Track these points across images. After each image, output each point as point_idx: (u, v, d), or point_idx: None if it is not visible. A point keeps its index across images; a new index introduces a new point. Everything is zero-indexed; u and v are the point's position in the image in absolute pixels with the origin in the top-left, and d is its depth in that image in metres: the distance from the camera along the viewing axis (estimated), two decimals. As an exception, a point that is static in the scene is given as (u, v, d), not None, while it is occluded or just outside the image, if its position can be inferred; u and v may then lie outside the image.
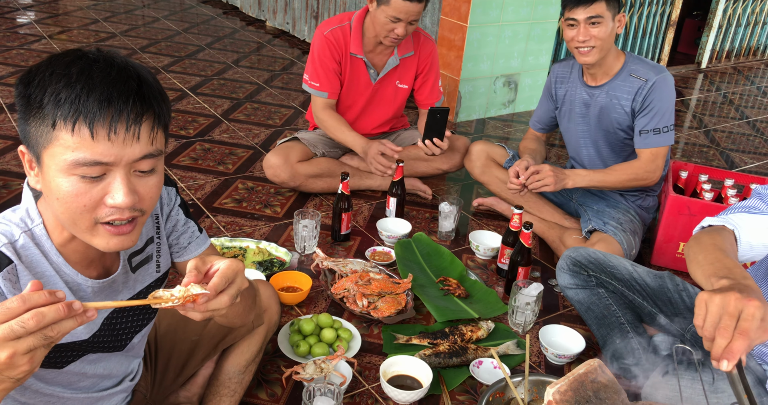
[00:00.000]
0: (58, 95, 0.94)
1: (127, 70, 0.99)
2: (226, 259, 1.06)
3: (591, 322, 2.05)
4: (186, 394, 1.65)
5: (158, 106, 1.01)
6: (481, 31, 3.93)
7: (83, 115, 0.94)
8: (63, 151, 0.96)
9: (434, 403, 1.85)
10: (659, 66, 2.43)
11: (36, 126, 0.97)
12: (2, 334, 0.80)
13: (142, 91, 0.99)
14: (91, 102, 0.94)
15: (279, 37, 5.73)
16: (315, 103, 2.88)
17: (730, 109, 4.95)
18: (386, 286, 2.22)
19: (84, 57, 0.98)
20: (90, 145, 0.96)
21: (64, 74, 0.95)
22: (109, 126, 0.96)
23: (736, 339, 1.08)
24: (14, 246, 1.05)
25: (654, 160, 2.42)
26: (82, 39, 5.07)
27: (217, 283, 1.00)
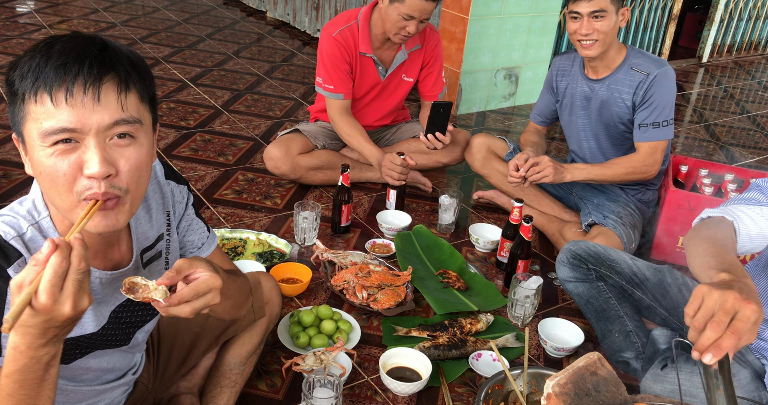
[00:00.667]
0: (23, 69, 0.97)
1: (92, 39, 0.99)
2: (208, 273, 1.08)
3: (590, 316, 2.05)
4: (187, 385, 1.66)
5: (125, 71, 1.00)
6: (482, 23, 3.92)
7: (42, 83, 0.95)
8: (35, 124, 0.97)
9: (433, 395, 1.86)
10: (661, 60, 2.43)
11: (13, 106, 1.00)
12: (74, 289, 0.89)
13: (103, 55, 0.98)
14: (48, 69, 0.95)
15: (279, 28, 5.71)
16: (331, 106, 2.84)
17: (731, 103, 4.95)
18: (386, 278, 2.23)
19: (60, 37, 0.99)
20: (54, 112, 0.96)
21: (31, 50, 0.98)
22: (65, 89, 0.95)
23: (727, 336, 1.08)
24: (23, 238, 1.05)
25: (653, 153, 2.42)
26: (81, 28, 5.05)
27: (183, 294, 1.04)
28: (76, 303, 0.89)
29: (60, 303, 0.88)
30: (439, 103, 2.65)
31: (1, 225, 1.05)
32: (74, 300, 0.89)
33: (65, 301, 0.88)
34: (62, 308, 0.88)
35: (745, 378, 1.64)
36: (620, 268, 2.01)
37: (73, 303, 0.89)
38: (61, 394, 1.20)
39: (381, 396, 1.83)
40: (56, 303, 0.88)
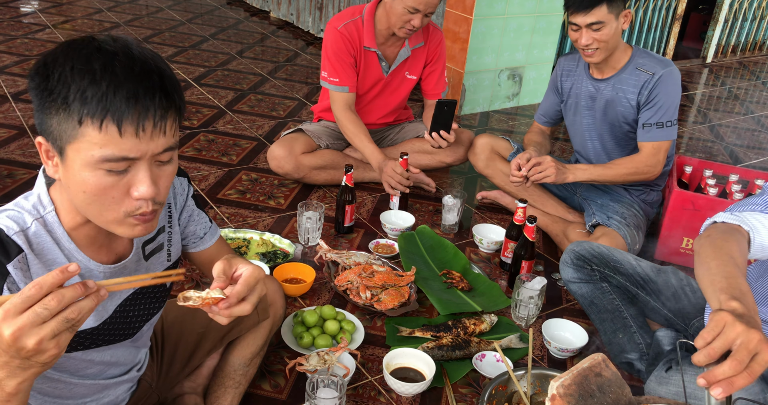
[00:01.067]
0: (84, 93, 0.94)
1: (147, 64, 0.98)
2: (249, 265, 1.12)
3: (594, 317, 2.05)
4: (191, 385, 1.66)
5: (179, 99, 1.03)
6: (486, 23, 3.91)
7: (111, 114, 0.95)
8: (90, 147, 0.97)
9: (437, 395, 1.86)
10: (666, 60, 2.42)
11: (59, 121, 0.97)
12: (27, 320, 0.83)
13: (165, 86, 0.99)
14: (119, 100, 0.95)
15: (283, 28, 5.72)
16: (335, 100, 2.83)
17: (735, 103, 4.93)
18: (389, 278, 2.23)
19: (102, 49, 0.97)
20: (117, 141, 0.96)
21: (86, 70, 0.95)
22: (136, 123, 0.96)
23: (743, 376, 1.07)
24: (26, 233, 1.06)
25: (655, 154, 2.41)
26: (86, 28, 5.06)
27: (239, 291, 1.07)
28: (40, 344, 0.84)
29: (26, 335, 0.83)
30: (443, 101, 2.65)
31: (4, 220, 1.05)
32: (39, 340, 0.83)
33: (33, 335, 0.83)
34: (26, 340, 0.83)
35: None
36: (624, 268, 2.00)
37: (37, 343, 0.83)
38: (65, 388, 1.21)
39: (384, 396, 1.83)
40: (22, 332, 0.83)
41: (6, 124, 3.30)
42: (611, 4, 2.27)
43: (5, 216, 1.06)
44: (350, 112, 2.83)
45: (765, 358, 1.08)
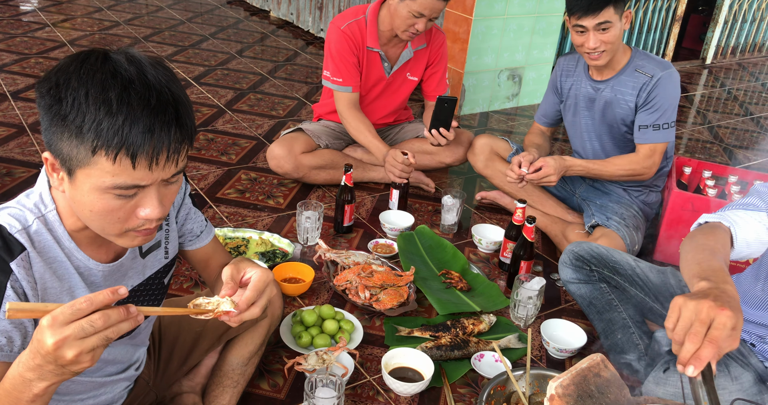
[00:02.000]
0: (100, 125, 0.94)
1: (162, 94, 0.98)
2: (257, 268, 1.14)
3: (593, 317, 2.05)
4: (189, 384, 1.66)
5: (192, 128, 1.03)
6: (485, 24, 3.91)
7: (126, 147, 0.95)
8: (102, 175, 0.97)
9: (435, 395, 1.86)
10: (666, 62, 2.42)
11: (71, 146, 0.97)
12: (72, 333, 0.87)
13: (181, 117, 0.99)
14: (134, 134, 0.95)
15: (283, 28, 5.71)
16: (339, 100, 2.83)
17: (734, 105, 4.94)
18: (388, 278, 2.23)
19: (117, 74, 0.96)
20: (130, 172, 0.97)
21: (102, 100, 0.94)
22: (150, 157, 0.97)
23: (705, 346, 1.09)
24: (27, 231, 1.06)
25: (651, 155, 2.42)
26: (85, 27, 5.06)
27: (249, 297, 1.11)
28: (79, 356, 0.88)
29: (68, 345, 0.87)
30: (444, 98, 2.64)
31: (7, 217, 1.06)
32: (79, 353, 0.88)
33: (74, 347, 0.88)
34: (67, 351, 0.87)
35: (748, 381, 1.64)
36: (623, 269, 2.00)
37: (77, 354, 0.88)
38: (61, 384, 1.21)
39: (383, 396, 1.83)
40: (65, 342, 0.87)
41: (5, 122, 3.30)
42: (617, 5, 2.27)
43: (7, 214, 1.07)
44: (355, 110, 2.83)
45: (720, 321, 1.10)
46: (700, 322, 1.10)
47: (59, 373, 0.91)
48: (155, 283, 1.32)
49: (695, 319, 1.11)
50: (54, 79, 0.97)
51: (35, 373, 0.91)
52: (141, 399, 1.50)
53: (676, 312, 1.14)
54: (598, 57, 2.37)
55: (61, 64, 0.98)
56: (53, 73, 0.98)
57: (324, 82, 2.85)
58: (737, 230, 1.45)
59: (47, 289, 1.09)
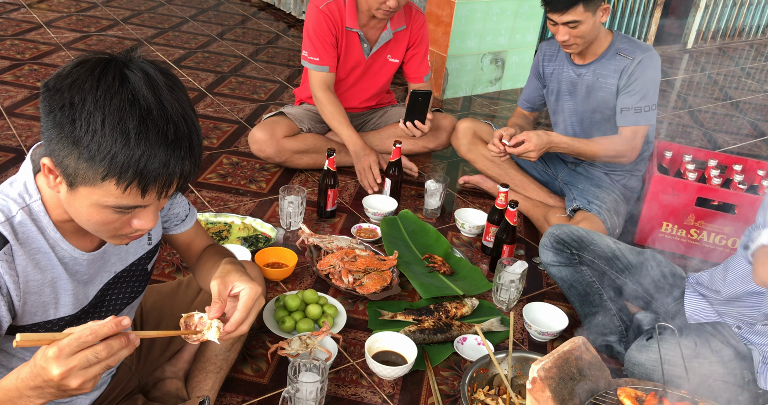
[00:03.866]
0: (116, 157, 0.93)
1: (179, 127, 0.97)
2: (246, 284, 1.16)
3: (574, 300, 2.07)
4: (172, 369, 1.65)
5: (200, 158, 1.03)
6: (468, 7, 3.90)
7: (138, 180, 0.95)
8: (106, 196, 0.97)
9: (418, 378, 1.87)
10: (647, 45, 2.43)
11: (78, 165, 0.95)
12: (78, 364, 0.90)
13: (194, 149, 1.00)
14: (149, 169, 0.95)
15: (264, 10, 5.65)
16: (314, 79, 2.82)
17: (715, 89, 4.97)
18: (372, 262, 2.23)
19: (136, 101, 0.94)
20: (137, 198, 0.98)
21: (120, 131, 0.92)
22: (161, 188, 0.98)
23: None
24: (11, 222, 1.04)
25: (633, 138, 2.43)
26: (62, 8, 4.96)
27: (239, 319, 1.14)
28: (83, 384, 0.91)
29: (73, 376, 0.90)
30: (418, 92, 2.65)
31: None
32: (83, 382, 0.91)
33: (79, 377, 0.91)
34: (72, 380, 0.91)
35: (728, 355, 1.67)
36: (603, 252, 2.02)
37: (81, 383, 0.91)
38: None
39: (366, 380, 1.84)
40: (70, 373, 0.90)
41: (-19, 106, 3.24)
42: (587, 3, 2.27)
43: None
44: (330, 93, 2.81)
45: None
46: None
47: (59, 396, 0.94)
48: (138, 269, 1.31)
49: None
50: (68, 96, 0.93)
51: (36, 392, 0.93)
52: (124, 384, 1.49)
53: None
54: (569, 47, 2.41)
55: (75, 77, 0.94)
56: (66, 87, 0.94)
57: (302, 61, 2.84)
58: None
59: (29, 282, 1.07)
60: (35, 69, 3.76)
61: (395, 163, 2.67)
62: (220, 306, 1.13)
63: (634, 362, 1.75)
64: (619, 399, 1.32)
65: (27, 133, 3.00)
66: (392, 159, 2.67)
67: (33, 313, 1.10)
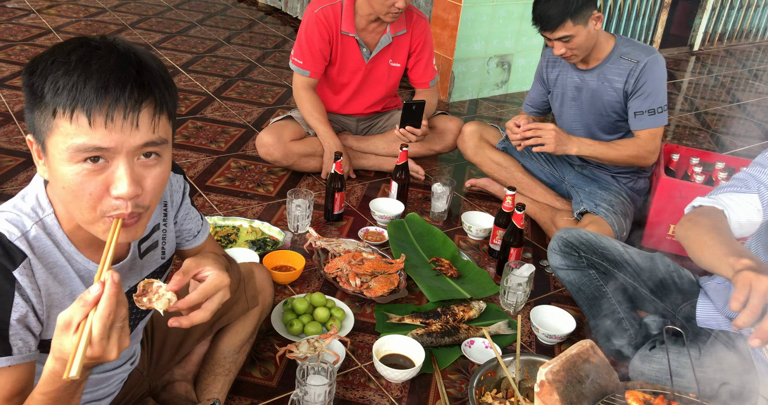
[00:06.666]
0: (57, 83, 0.94)
1: (127, 56, 0.97)
2: (215, 271, 1.13)
3: (582, 303, 2.07)
4: (181, 372, 1.66)
5: (160, 94, 1.00)
6: (475, 10, 3.90)
7: (80, 103, 0.93)
8: (64, 139, 0.96)
9: (426, 382, 1.87)
10: (650, 47, 2.44)
11: (39, 115, 0.97)
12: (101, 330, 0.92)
13: (142, 77, 0.97)
14: (88, 90, 0.93)
15: (271, 15, 5.67)
16: (296, 80, 2.88)
17: (722, 91, 4.96)
18: (379, 265, 2.23)
19: (86, 44, 0.97)
20: (88, 131, 0.95)
21: (63, 62, 0.94)
22: (105, 114, 0.94)
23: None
24: (27, 238, 1.04)
25: (653, 140, 2.45)
26: (71, 14, 5.00)
27: (192, 300, 1.10)
28: (120, 347, 0.95)
29: (108, 351, 0.93)
30: (411, 103, 2.66)
31: (5, 224, 1.04)
32: (119, 345, 0.95)
33: (112, 349, 0.94)
34: (109, 355, 0.94)
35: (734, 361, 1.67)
36: (612, 255, 2.02)
37: (118, 348, 0.94)
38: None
39: (374, 383, 1.84)
40: (105, 352, 0.93)
41: (-9, 110, 3.27)
42: (575, 18, 2.28)
43: (4, 219, 1.04)
44: (311, 92, 2.87)
45: None
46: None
47: None
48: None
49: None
50: (33, 58, 0.99)
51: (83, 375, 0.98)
52: (135, 389, 1.50)
53: (747, 285, 1.16)
54: (568, 59, 2.44)
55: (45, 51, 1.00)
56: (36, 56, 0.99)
57: (289, 61, 2.88)
58: (730, 213, 1.49)
59: (51, 295, 1.07)
60: (44, 74, 3.78)
61: (402, 166, 2.68)
62: (180, 279, 1.09)
63: (638, 372, 1.75)
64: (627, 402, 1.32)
65: (36, 137, 3.02)
66: (399, 162, 2.68)
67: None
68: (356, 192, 2.89)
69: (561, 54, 2.38)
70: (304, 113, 2.87)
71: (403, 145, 2.66)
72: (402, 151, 2.65)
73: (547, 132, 2.39)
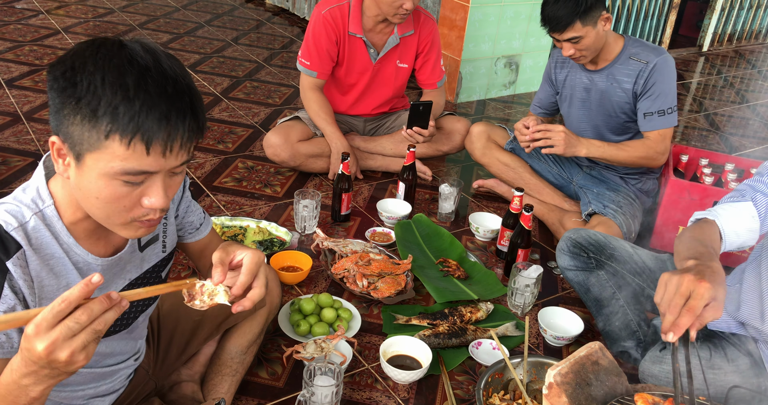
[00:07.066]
0: (116, 109, 0.93)
1: (178, 83, 0.98)
2: (247, 250, 1.15)
3: (590, 304, 2.06)
4: (188, 372, 1.66)
5: (204, 119, 1.03)
6: (482, 11, 3.90)
7: (141, 133, 0.95)
8: (111, 159, 0.97)
9: (433, 383, 1.87)
10: (659, 48, 2.43)
11: (83, 130, 0.96)
12: (60, 335, 0.86)
13: (195, 106, 1.00)
14: (151, 120, 0.95)
15: (278, 15, 5.68)
16: (303, 81, 2.88)
17: (731, 92, 4.94)
18: (386, 266, 2.23)
19: (134, 61, 0.95)
20: (141, 158, 0.97)
21: (119, 85, 0.93)
22: (164, 144, 0.97)
23: (683, 315, 1.22)
24: (25, 228, 1.05)
25: (662, 140, 2.44)
26: (80, 14, 5.02)
27: (244, 282, 1.12)
28: (72, 356, 0.87)
29: (59, 348, 0.86)
30: (418, 103, 2.66)
31: (3, 214, 1.04)
32: (71, 353, 0.87)
33: (65, 348, 0.87)
34: (59, 353, 0.87)
35: (745, 364, 1.66)
36: (621, 256, 2.01)
37: (69, 355, 0.87)
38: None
39: (381, 384, 1.84)
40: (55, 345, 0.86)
41: (0, 110, 3.28)
42: (584, 19, 2.27)
43: (3, 210, 1.05)
44: (318, 92, 2.87)
45: (698, 292, 1.23)
46: (680, 295, 1.23)
47: (55, 375, 0.91)
48: (153, 276, 1.31)
49: (675, 293, 1.24)
50: (69, 62, 0.96)
51: (31, 378, 0.91)
52: (141, 388, 1.50)
53: (662, 287, 1.27)
54: (577, 59, 2.43)
55: (76, 49, 0.97)
56: (68, 57, 0.97)
57: (297, 62, 2.88)
58: (722, 222, 1.53)
59: (44, 287, 1.07)
60: (53, 74, 3.80)
61: (409, 167, 2.68)
62: (222, 269, 1.10)
63: (648, 374, 1.74)
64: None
65: (45, 137, 3.03)
66: (406, 163, 2.67)
67: None
68: (363, 193, 2.89)
69: (570, 55, 2.38)
70: (311, 114, 2.87)
71: (411, 145, 2.65)
72: (409, 151, 2.64)
73: (556, 134, 2.38)
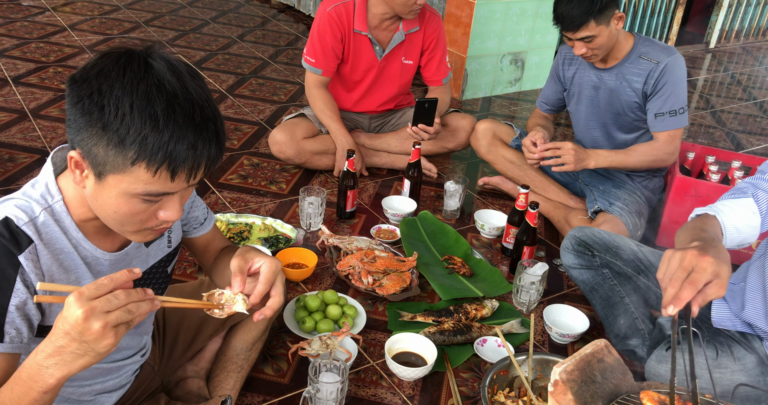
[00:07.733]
0: (146, 139, 0.95)
1: (204, 110, 1.00)
2: (265, 258, 1.17)
3: (595, 302, 2.05)
4: (194, 368, 1.67)
5: (225, 143, 1.05)
6: (488, 7, 3.89)
7: (168, 163, 0.97)
8: (135, 182, 0.98)
9: (438, 380, 1.87)
10: (670, 47, 2.41)
11: (107, 152, 0.97)
12: (99, 304, 0.89)
13: (219, 133, 1.02)
14: (179, 150, 0.96)
15: (284, 12, 5.68)
16: (308, 78, 2.88)
17: (738, 89, 4.91)
18: (391, 263, 2.23)
19: (161, 87, 0.96)
20: (165, 183, 0.99)
21: (149, 115, 0.94)
22: (190, 171, 1.00)
23: (685, 288, 1.21)
24: (35, 223, 1.06)
25: (672, 141, 2.42)
26: (86, 12, 5.03)
27: (262, 291, 1.15)
28: (105, 329, 0.89)
29: (95, 316, 0.89)
30: (423, 100, 2.65)
31: (13, 209, 1.05)
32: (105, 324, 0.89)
33: (100, 319, 0.89)
34: (94, 322, 0.89)
35: (751, 362, 1.65)
36: (626, 254, 2.00)
37: (103, 326, 0.89)
38: None
39: (386, 381, 1.84)
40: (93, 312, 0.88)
41: (6, 107, 3.29)
42: (598, 18, 2.26)
43: (13, 205, 1.06)
44: (323, 90, 2.87)
45: (701, 266, 1.21)
46: (682, 269, 1.22)
47: (81, 354, 0.91)
48: (159, 272, 1.32)
49: (677, 267, 1.23)
50: (95, 84, 0.96)
51: (55, 358, 0.91)
52: (147, 384, 1.51)
53: (665, 263, 1.26)
54: (589, 58, 2.42)
55: (101, 67, 0.97)
56: (93, 77, 0.96)
57: (302, 60, 2.88)
58: (723, 218, 1.52)
59: (54, 281, 1.09)
60: (60, 71, 3.81)
61: (414, 164, 2.67)
62: (241, 278, 1.13)
63: (654, 373, 1.73)
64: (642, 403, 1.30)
65: (52, 134, 3.04)
66: (411, 160, 2.67)
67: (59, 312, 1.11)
68: (369, 190, 2.89)
69: (582, 54, 2.36)
70: (317, 111, 2.87)
71: (416, 142, 2.65)
72: (414, 148, 2.64)
73: (566, 151, 2.37)
